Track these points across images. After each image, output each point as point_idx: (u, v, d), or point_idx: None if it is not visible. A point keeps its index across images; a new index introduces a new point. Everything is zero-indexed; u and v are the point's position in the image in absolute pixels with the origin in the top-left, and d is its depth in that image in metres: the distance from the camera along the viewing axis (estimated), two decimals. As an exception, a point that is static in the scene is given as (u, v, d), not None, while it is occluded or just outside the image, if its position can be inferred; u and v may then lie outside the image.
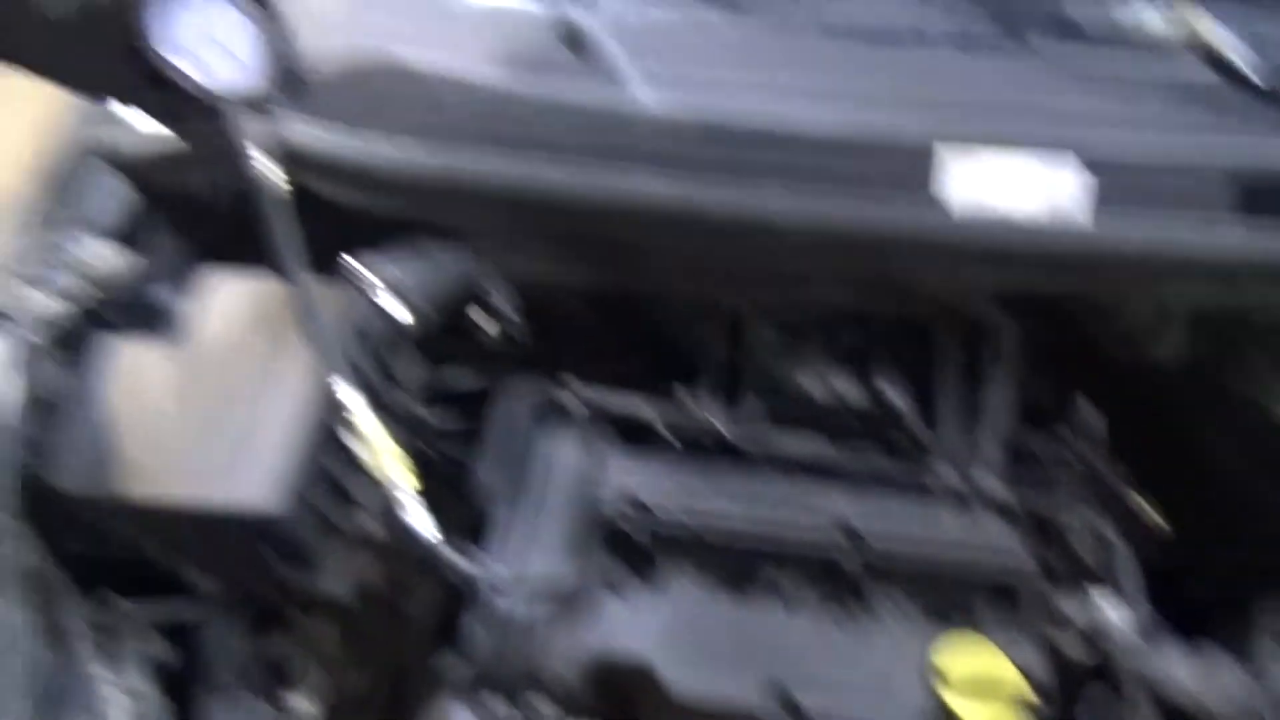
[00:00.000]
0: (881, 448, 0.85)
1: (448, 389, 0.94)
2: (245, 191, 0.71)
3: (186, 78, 0.63)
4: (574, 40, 0.83)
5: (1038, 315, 0.83)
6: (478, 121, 0.84)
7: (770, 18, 0.83)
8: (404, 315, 0.84)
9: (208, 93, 0.64)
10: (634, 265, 0.86)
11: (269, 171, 0.68)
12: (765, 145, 0.76)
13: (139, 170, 0.90)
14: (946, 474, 0.82)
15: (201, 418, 0.78)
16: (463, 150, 0.83)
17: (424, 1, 0.91)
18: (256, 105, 0.66)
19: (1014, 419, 0.84)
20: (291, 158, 0.74)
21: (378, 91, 0.85)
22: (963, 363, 0.85)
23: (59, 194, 0.91)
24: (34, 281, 0.85)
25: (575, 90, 0.82)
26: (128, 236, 0.91)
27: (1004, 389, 0.84)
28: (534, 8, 0.88)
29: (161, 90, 0.64)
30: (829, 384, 0.85)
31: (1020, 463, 0.83)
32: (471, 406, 0.95)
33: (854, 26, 0.81)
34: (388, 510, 0.75)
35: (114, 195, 0.92)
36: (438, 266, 0.87)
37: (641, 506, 0.82)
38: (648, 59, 0.81)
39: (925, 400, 0.84)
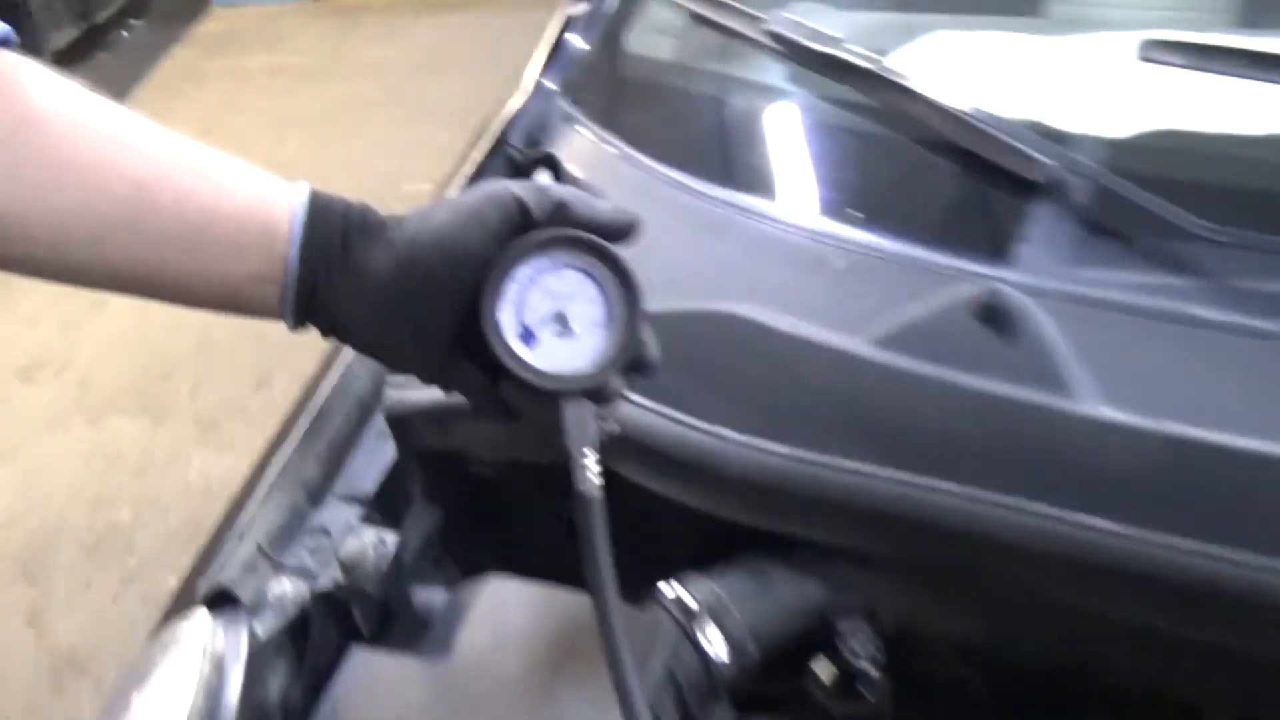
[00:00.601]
0: None
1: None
2: (536, 470, 0.75)
3: (523, 363, 0.69)
4: (994, 317, 0.85)
5: None
6: (851, 408, 0.89)
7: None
8: (722, 653, 0.85)
9: (547, 378, 0.69)
10: (1052, 622, 0.85)
11: (588, 466, 0.71)
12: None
13: (411, 428, 0.98)
14: None
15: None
16: (828, 442, 0.86)
17: (789, 250, 0.97)
18: (596, 394, 0.70)
19: None
20: (614, 447, 0.78)
21: (723, 363, 0.90)
22: None
23: (321, 457, 1.00)
24: (276, 562, 0.92)
25: (988, 383, 0.85)
26: (390, 512, 0.98)
27: None
28: (941, 261, 0.92)
29: (490, 374, 0.69)
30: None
31: None
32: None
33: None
34: None
35: (379, 462, 1.02)
36: (775, 593, 0.90)
37: None
38: (1099, 355, 0.82)
39: None
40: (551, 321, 0.71)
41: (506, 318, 0.70)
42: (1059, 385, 0.83)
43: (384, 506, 1.02)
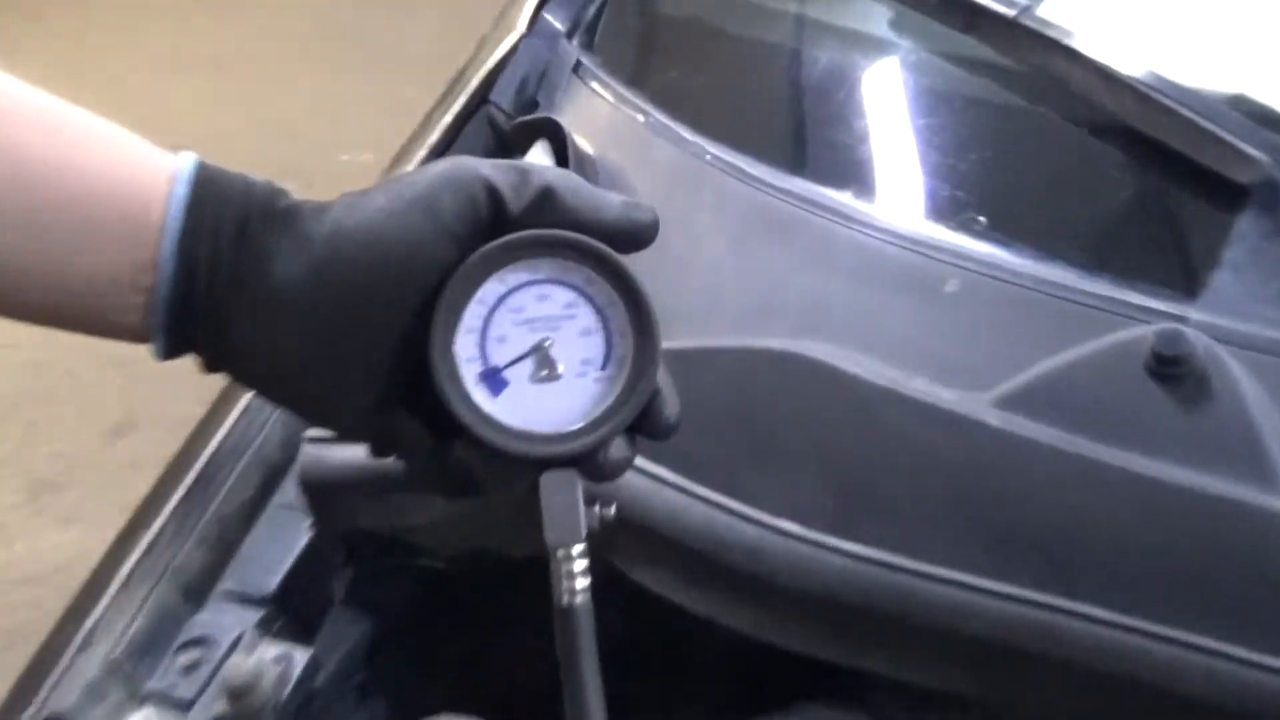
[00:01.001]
0: None
1: None
2: (506, 567, 0.73)
3: (485, 417, 0.69)
4: (1173, 372, 0.86)
5: None
6: (963, 495, 0.89)
7: None
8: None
9: (518, 439, 0.69)
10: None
11: (573, 567, 0.72)
12: None
13: (335, 501, 0.98)
14: None
15: None
16: (930, 544, 0.86)
17: (882, 266, 1.00)
18: (588, 463, 0.70)
19: None
20: (615, 539, 0.79)
21: (781, 425, 0.92)
22: None
23: (205, 537, 1.01)
24: (135, 684, 0.92)
25: (1162, 466, 0.85)
26: (300, 619, 1.00)
27: None
28: (1099, 290, 0.94)
29: (439, 431, 0.70)
30: None
31: None
32: None
33: None
34: None
35: (286, 547, 1.03)
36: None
37: None
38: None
39: None
40: (528, 359, 0.71)
41: (465, 352, 0.70)
42: (1264, 472, 0.83)
43: (292, 610, 1.02)
